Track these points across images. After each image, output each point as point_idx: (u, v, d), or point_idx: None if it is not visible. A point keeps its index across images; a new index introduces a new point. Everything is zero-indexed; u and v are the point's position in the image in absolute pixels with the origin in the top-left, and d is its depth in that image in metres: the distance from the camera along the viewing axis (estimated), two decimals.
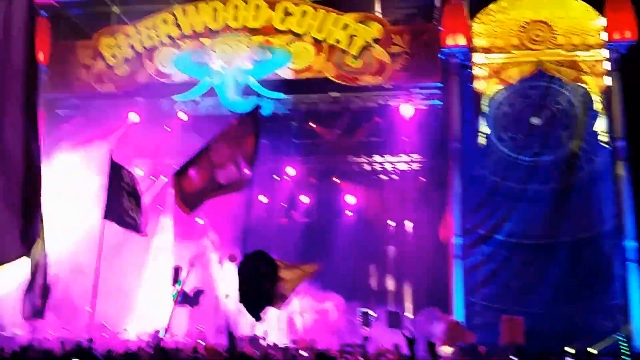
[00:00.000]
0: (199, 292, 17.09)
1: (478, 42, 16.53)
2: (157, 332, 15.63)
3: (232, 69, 17.94)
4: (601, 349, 14.32)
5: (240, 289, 7.63)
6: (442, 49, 16.61)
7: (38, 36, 18.91)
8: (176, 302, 14.82)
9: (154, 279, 19.54)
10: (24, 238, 3.85)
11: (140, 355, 10.73)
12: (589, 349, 14.11)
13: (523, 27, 16.35)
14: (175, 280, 16.68)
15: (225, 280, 18.67)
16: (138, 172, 20.61)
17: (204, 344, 15.23)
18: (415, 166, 19.36)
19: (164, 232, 20.38)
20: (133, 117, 19.18)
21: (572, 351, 13.95)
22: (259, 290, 7.68)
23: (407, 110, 17.38)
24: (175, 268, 17.13)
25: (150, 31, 18.79)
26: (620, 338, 14.54)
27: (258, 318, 7.88)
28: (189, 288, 16.21)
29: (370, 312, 16.33)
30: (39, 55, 18.75)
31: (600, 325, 14.93)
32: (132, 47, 18.92)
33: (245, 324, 15.61)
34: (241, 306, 7.73)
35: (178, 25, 18.54)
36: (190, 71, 18.42)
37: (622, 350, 14.24)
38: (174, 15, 18.65)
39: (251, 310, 7.71)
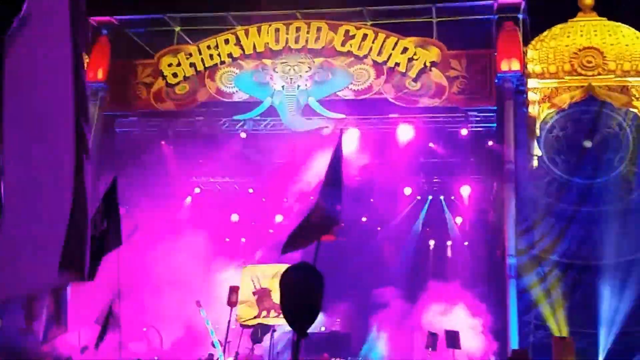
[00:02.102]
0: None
1: (531, 67, 20.56)
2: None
3: (292, 89, 22.19)
4: None
5: (284, 302, 9.70)
6: (497, 74, 20.71)
7: (98, 53, 23.65)
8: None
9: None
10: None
11: None
12: None
13: (575, 53, 20.28)
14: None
15: None
16: (196, 190, 25.17)
17: None
18: (473, 187, 23.38)
19: None
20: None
21: None
22: (304, 303, 7.35)
23: (463, 132, 21.50)
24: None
25: (212, 50, 23.12)
26: None
27: (304, 334, 9.53)
28: None
29: (437, 333, 19.88)
30: (98, 72, 23.42)
31: None
32: (193, 66, 23.31)
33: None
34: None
35: (240, 46, 22.92)
36: (251, 90, 22.61)
37: None
38: (236, 35, 23.03)
39: (296, 325, 9.58)
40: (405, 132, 21.89)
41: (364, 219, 23.45)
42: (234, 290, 19.48)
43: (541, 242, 19.65)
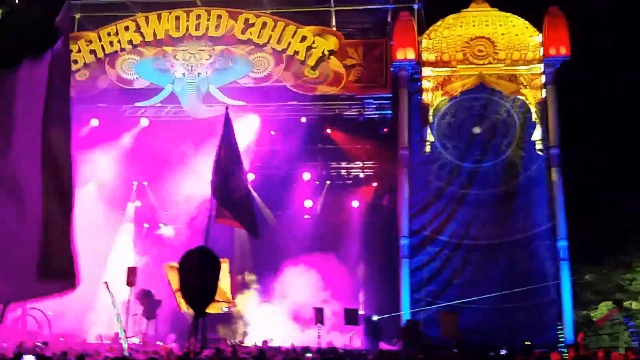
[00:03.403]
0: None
1: (426, 56, 21.62)
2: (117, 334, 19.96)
3: (193, 77, 22.66)
4: (538, 341, 19.18)
5: (183, 284, 8.91)
6: (393, 63, 21.65)
7: None
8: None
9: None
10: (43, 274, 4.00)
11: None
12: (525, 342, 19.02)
13: (467, 43, 21.45)
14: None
15: None
16: (98, 175, 25.25)
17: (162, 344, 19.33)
18: (368, 172, 24.43)
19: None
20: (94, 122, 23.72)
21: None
22: (203, 285, 8.82)
23: (360, 119, 22.47)
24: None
25: (112, 37, 23.38)
26: (559, 331, 19.47)
27: (203, 314, 9.13)
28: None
29: (325, 308, 20.91)
30: None
31: (536, 320, 19.85)
32: (94, 52, 23.49)
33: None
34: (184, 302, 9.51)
35: (140, 33, 23.23)
36: (152, 77, 23.03)
37: (559, 343, 19.09)
38: (136, 22, 23.33)
39: (195, 306, 8.86)
40: (303, 119, 22.64)
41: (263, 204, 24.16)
42: (132, 271, 20.28)
43: (432, 223, 20.75)
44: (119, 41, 23.31)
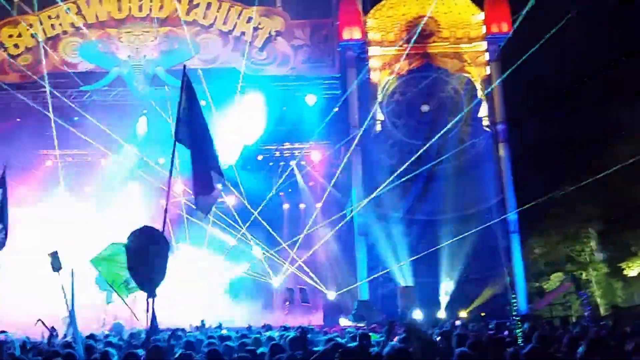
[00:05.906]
0: None
1: (372, 36, 21.02)
2: None
3: (139, 59, 21.51)
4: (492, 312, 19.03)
5: (132, 265, 8.48)
6: (339, 43, 21.02)
7: None
8: None
9: None
10: None
11: None
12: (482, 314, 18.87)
13: (411, 21, 20.93)
14: None
15: None
16: (48, 163, 24.12)
17: None
18: (322, 152, 23.86)
19: None
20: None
21: (465, 315, 18.79)
22: (151, 265, 8.34)
23: (310, 99, 21.83)
24: None
25: (53, 20, 21.94)
26: (512, 302, 19.42)
27: (153, 295, 8.53)
28: None
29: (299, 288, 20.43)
30: None
31: (489, 292, 19.73)
32: (35, 36, 22.10)
33: None
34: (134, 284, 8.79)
35: (82, 15, 21.83)
36: (96, 60, 21.75)
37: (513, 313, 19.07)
38: (77, 4, 21.97)
39: (145, 287, 8.45)
40: (254, 101, 21.89)
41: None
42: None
43: (386, 200, 20.30)
44: (60, 24, 21.93)
